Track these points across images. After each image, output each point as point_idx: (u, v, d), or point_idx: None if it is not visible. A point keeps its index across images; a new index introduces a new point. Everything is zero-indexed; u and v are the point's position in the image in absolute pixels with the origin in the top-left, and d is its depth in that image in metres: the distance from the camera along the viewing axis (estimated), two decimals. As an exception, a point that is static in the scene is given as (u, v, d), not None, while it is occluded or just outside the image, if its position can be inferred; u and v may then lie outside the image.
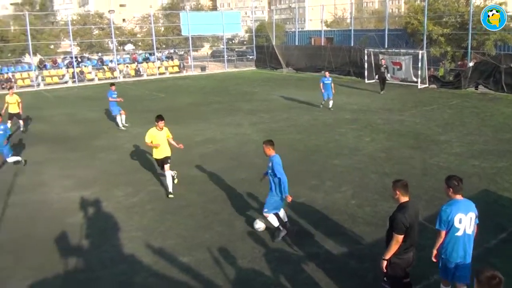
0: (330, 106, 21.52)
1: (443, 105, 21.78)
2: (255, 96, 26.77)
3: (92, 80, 38.80)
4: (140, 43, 46.87)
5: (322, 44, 40.81)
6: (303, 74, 37.81)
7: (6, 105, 18.62)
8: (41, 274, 7.86)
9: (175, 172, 11.81)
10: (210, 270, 7.69)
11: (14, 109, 18.56)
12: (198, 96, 27.71)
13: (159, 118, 11.58)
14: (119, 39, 44.80)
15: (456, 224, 5.90)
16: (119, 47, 45.67)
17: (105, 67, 40.84)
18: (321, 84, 21.42)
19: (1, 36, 38.32)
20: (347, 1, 46.05)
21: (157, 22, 47.38)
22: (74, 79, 37.78)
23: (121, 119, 19.39)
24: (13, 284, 7.61)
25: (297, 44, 43.79)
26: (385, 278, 6.27)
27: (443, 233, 5.98)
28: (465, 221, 5.94)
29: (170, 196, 11.01)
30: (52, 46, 42.52)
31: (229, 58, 47.63)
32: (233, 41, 66.16)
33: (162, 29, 47.96)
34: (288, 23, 76.84)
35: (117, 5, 74.82)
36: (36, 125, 20.26)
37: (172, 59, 45.47)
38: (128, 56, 44.83)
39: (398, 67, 29.88)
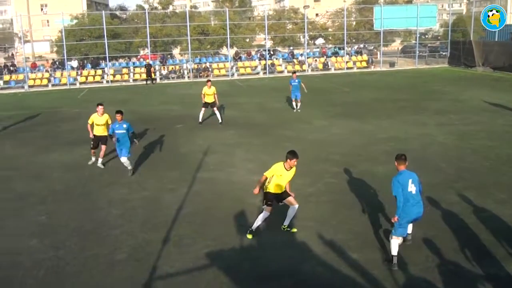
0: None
1: None
2: (444, 95, 25.23)
3: (281, 72, 40.59)
4: (330, 37, 47.41)
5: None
6: (501, 73, 34.35)
7: (203, 96, 19.73)
8: (219, 245, 8.63)
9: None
10: (379, 270, 7.59)
11: (210, 99, 19.90)
12: (384, 92, 27.13)
13: None
14: (311, 33, 45.90)
15: None
16: (310, 41, 46.82)
17: (295, 60, 42.35)
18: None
19: (202, 29, 42.06)
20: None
21: (350, 17, 47.33)
22: (265, 71, 39.99)
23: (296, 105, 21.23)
24: (194, 251, 8.47)
25: (496, 39, 39.86)
26: None
27: None
28: None
29: None
30: (247, 40, 45.39)
31: (420, 54, 45.46)
32: (426, 36, 62.96)
33: (354, 23, 47.78)
34: (490, 17, 70.42)
35: (311, 1, 76.61)
36: (229, 111, 21.97)
37: (361, 54, 45.15)
38: (318, 50, 45.76)
39: None
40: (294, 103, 21.78)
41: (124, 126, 12.87)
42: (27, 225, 10.01)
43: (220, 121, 19.49)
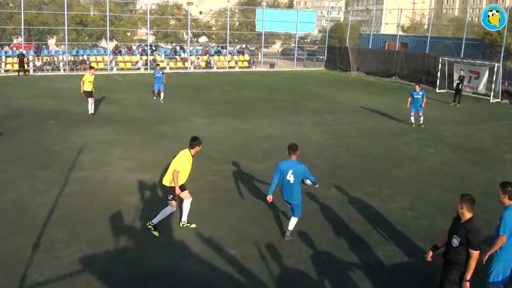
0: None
1: (516, 122, 20.66)
2: (321, 96, 26.54)
3: (164, 68, 39.85)
4: (213, 36, 47.64)
5: (396, 49, 39.82)
6: (373, 78, 37.04)
7: (83, 83, 19.05)
8: (92, 248, 8.19)
9: None
10: (255, 265, 7.72)
11: (89, 87, 19.17)
12: (264, 92, 27.84)
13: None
14: (194, 31, 45.73)
15: None
16: (193, 39, 46.63)
17: (177, 57, 41.89)
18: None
19: (80, 19, 40.02)
20: (426, 6, 44.61)
21: (233, 17, 47.93)
22: (146, 66, 39.01)
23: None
24: (66, 256, 7.95)
25: (370, 47, 42.94)
26: None
27: (504, 238, 6.05)
28: None
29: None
30: (128, 33, 44.03)
31: (299, 56, 47.44)
32: (305, 40, 65.82)
33: (237, 23, 48.49)
34: (363, 25, 75.54)
35: (196, -2, 76.49)
36: (107, 107, 21.07)
37: (243, 54, 45.92)
38: (200, 48, 45.71)
39: (476, 75, 28.62)
40: (156, 93, 23.55)
41: None
42: None
43: (92, 112, 19.19)
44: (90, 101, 19.32)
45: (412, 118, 18.73)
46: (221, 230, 8.97)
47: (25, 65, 34.32)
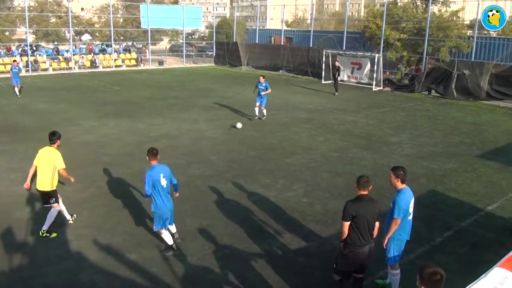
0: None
1: (396, 108, 22.33)
2: (212, 92, 26.67)
3: (46, 70, 37.65)
4: (97, 34, 45.88)
5: (282, 43, 41.06)
6: (263, 72, 37.87)
7: None
8: (-18, 270, 7.57)
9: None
10: (158, 267, 7.62)
11: None
12: (154, 90, 27.36)
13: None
14: (76, 28, 43.71)
15: (410, 209, 6.57)
16: (75, 37, 44.52)
17: (60, 57, 39.73)
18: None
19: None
20: (308, 2, 46.44)
21: (116, 13, 46.47)
22: (27, 68, 36.53)
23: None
24: (-49, 281, 7.29)
25: (257, 42, 43.88)
26: (335, 266, 6.60)
27: (399, 220, 6.48)
28: (412, 205, 6.63)
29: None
30: (7, 33, 41.00)
31: (188, 53, 47.23)
32: (193, 36, 65.69)
33: (121, 20, 47.09)
34: (249, 20, 76.89)
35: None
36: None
37: (130, 52, 44.71)
38: (84, 46, 43.77)
39: (358, 66, 30.43)
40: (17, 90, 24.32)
41: None
42: None
43: None
44: None
45: (256, 110, 19.00)
46: (119, 236, 8.73)
47: None
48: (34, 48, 40.49)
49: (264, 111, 18.99)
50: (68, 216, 9.24)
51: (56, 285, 7.24)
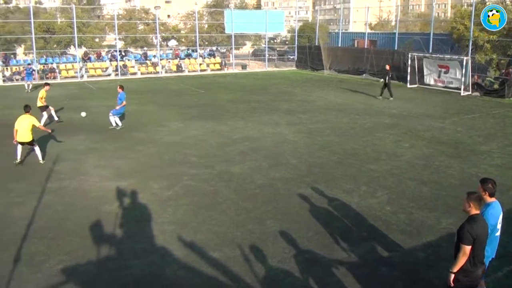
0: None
1: (485, 114, 21.16)
2: (294, 96, 26.69)
3: (135, 74, 39.54)
4: (183, 40, 47.39)
5: (365, 46, 40.32)
6: (345, 76, 37.45)
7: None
8: (74, 259, 8.06)
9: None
10: (239, 267, 7.72)
11: (40, 103, 19.16)
12: (237, 93, 27.84)
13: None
14: (163, 34, 45.43)
15: (498, 225, 6.21)
16: (162, 43, 46.32)
17: (148, 61, 41.55)
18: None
19: (47, 27, 39.29)
20: (392, 3, 45.23)
21: (201, 19, 47.80)
22: (117, 72, 38.58)
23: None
24: (47, 267, 7.82)
25: (340, 45, 43.40)
26: None
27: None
28: (500, 221, 6.27)
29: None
30: (97, 40, 43.46)
31: (270, 57, 47.59)
32: (275, 41, 66.07)
33: (206, 26, 48.36)
34: (331, 24, 76.18)
35: (163, 2, 75.94)
36: (79, 116, 20.75)
37: (214, 57, 45.83)
38: (171, 52, 45.46)
39: (445, 70, 29.22)
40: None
41: None
42: None
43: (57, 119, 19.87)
44: (45, 114, 19.33)
45: None
46: (202, 234, 8.93)
47: None
48: (123, 54, 42.60)
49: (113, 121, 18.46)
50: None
51: (142, 277, 7.54)
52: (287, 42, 59.90)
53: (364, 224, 9.44)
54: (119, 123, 18.57)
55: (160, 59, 41.24)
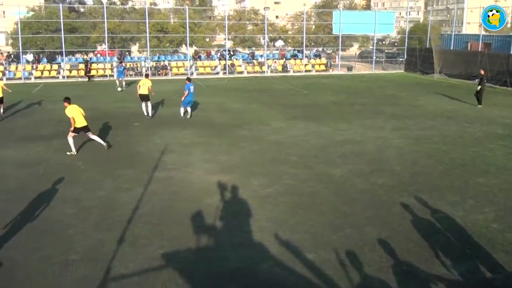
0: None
1: None
2: (400, 100, 25.86)
3: (241, 72, 40.62)
4: (290, 40, 47.82)
5: (479, 49, 37.95)
6: (456, 80, 35.57)
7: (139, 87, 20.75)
8: (175, 246, 8.50)
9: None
10: (334, 271, 7.65)
11: (145, 91, 20.58)
12: (341, 95, 27.56)
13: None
14: (271, 35, 46.16)
15: None
16: (269, 43, 47.06)
17: (254, 61, 42.47)
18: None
19: (161, 27, 41.60)
20: (509, 3, 42.19)
21: (309, 20, 47.90)
22: (225, 71, 39.88)
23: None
24: (149, 251, 8.32)
25: (452, 48, 41.26)
26: None
27: None
28: None
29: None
30: (207, 39, 45.19)
31: (377, 59, 46.49)
32: (383, 42, 64.42)
33: (313, 27, 48.38)
34: (444, 25, 72.71)
35: (272, 3, 77.02)
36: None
37: (320, 57, 45.72)
38: (277, 52, 46.07)
39: None
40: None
41: None
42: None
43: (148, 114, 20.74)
44: (145, 104, 20.68)
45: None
46: (299, 234, 8.97)
47: (90, 72, 36.26)
48: (232, 53, 43.90)
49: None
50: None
51: (238, 269, 7.74)
52: (396, 44, 58.20)
53: (468, 240, 8.91)
54: (187, 112, 20.35)
55: (267, 59, 41.96)
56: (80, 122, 14.65)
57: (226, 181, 11.94)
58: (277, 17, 56.15)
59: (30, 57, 39.37)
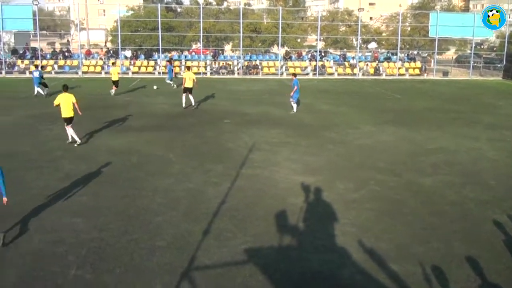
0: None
1: None
2: (498, 109, 24.42)
3: (332, 74, 40.32)
4: (383, 42, 46.66)
5: None
6: None
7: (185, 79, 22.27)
8: (258, 242, 8.69)
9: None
10: (418, 285, 7.41)
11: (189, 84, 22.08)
12: (435, 101, 26.51)
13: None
14: (364, 37, 45.32)
15: None
16: (362, 45, 46.23)
17: (346, 63, 41.94)
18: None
19: (254, 27, 42.25)
20: None
21: (404, 22, 46.46)
22: (315, 72, 39.76)
23: None
24: (232, 245, 8.57)
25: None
26: None
27: None
28: None
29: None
30: (299, 40, 45.26)
31: (475, 64, 44.12)
32: (482, 46, 61.00)
33: (409, 29, 46.86)
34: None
35: (366, 3, 75.54)
36: (277, 110, 22.02)
37: (414, 61, 44.23)
38: (370, 54, 45.14)
39: None
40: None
41: None
42: (72, 204, 10.43)
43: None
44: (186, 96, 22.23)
45: None
46: (383, 243, 8.79)
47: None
48: (323, 54, 43.64)
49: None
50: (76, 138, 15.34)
51: (319, 272, 7.75)
52: (495, 49, 54.94)
53: None
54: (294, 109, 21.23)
55: (359, 61, 41.28)
56: (65, 112, 15.41)
57: (312, 182, 11.96)
58: (371, 18, 54.94)
59: (128, 53, 41.75)
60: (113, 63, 31.01)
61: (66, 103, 15.27)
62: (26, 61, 39.49)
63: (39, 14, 41.20)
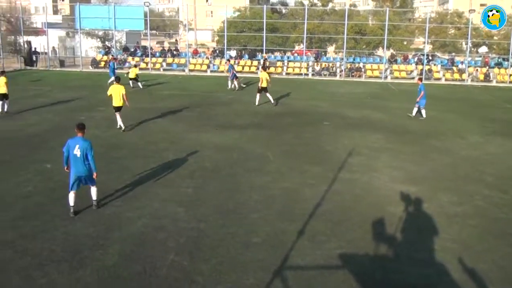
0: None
1: None
2: None
3: (439, 79, 38.61)
4: (495, 46, 43.77)
5: None
6: None
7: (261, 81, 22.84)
8: (352, 248, 8.61)
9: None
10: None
11: (265, 83, 22.70)
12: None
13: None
14: (474, 40, 42.81)
15: None
16: (472, 49, 43.71)
17: (454, 68, 39.91)
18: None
19: (359, 29, 41.51)
20: None
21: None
22: (421, 76, 38.17)
23: None
24: (327, 248, 8.56)
25: None
26: None
27: None
28: None
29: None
30: (405, 42, 43.80)
31: None
32: None
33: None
34: None
35: (477, 5, 71.19)
36: (378, 114, 21.55)
37: (529, 68, 40.99)
38: (480, 59, 42.57)
39: None
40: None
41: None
42: (174, 194, 11.03)
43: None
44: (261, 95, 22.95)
45: None
46: (485, 263, 8.25)
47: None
48: (430, 58, 41.86)
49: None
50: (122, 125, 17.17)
51: (414, 286, 7.53)
52: None
53: None
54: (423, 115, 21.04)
55: (468, 66, 39.09)
56: (116, 102, 17.15)
57: (413, 192, 11.58)
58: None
59: (233, 53, 42.97)
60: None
61: (116, 93, 16.96)
62: (137, 58, 42.15)
63: (149, 15, 43.70)
